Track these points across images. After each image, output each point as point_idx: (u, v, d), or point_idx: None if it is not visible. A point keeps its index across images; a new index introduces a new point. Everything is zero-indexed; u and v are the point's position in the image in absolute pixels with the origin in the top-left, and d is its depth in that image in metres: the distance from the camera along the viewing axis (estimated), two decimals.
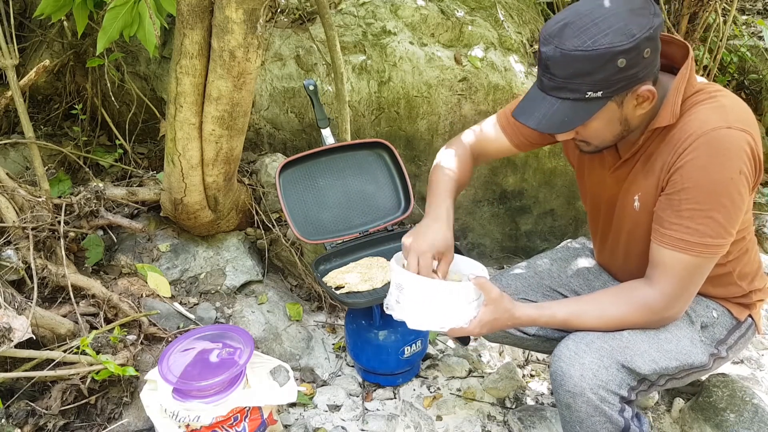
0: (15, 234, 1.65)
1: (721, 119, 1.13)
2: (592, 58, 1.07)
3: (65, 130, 2.49)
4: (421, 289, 1.23)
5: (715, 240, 1.15)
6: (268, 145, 2.49)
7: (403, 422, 1.77)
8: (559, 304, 1.30)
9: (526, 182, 2.72)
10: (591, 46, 1.06)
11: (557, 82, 1.13)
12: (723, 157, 1.12)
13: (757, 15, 3.78)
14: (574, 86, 1.11)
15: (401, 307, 1.26)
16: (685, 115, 1.18)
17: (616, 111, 1.17)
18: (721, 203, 1.13)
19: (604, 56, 1.06)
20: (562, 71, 1.11)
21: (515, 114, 1.21)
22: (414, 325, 1.25)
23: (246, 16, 1.53)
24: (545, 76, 1.15)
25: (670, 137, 1.20)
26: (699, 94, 1.19)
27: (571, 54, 1.08)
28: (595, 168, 1.42)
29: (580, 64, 1.08)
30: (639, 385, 1.26)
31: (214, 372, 1.49)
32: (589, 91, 1.11)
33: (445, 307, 1.23)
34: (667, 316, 1.25)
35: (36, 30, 2.48)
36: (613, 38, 1.06)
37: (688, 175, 1.14)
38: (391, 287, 1.29)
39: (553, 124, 1.16)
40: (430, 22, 2.51)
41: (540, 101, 1.17)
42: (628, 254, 1.42)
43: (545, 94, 1.16)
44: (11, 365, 1.55)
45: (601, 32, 1.06)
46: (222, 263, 2.14)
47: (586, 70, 1.09)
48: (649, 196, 1.26)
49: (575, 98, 1.13)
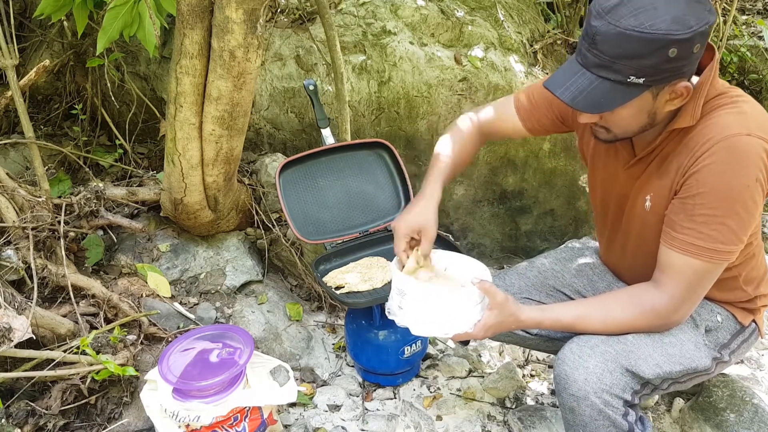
0: (15, 234, 1.65)
1: (741, 126, 1.12)
2: (646, 41, 1.02)
3: (65, 130, 2.48)
4: (423, 295, 1.22)
5: (727, 246, 1.15)
6: (268, 145, 2.49)
7: (403, 422, 1.77)
8: (564, 307, 1.29)
9: (526, 182, 2.72)
10: (648, 29, 1.02)
11: (603, 59, 1.08)
12: (740, 164, 1.11)
13: (757, 15, 3.78)
14: (619, 67, 1.06)
15: (404, 313, 1.25)
16: (705, 118, 1.16)
17: (650, 102, 1.14)
18: (735, 210, 1.12)
19: (659, 42, 1.02)
20: (612, 49, 1.06)
21: (548, 84, 1.16)
22: (418, 332, 1.25)
23: (246, 16, 1.53)
24: (591, 52, 1.09)
25: (688, 140, 1.18)
26: (721, 97, 1.18)
27: (626, 33, 1.03)
28: (609, 163, 1.39)
29: (632, 44, 1.03)
30: (643, 389, 1.26)
31: (214, 372, 1.49)
32: (632, 75, 1.06)
33: (449, 313, 1.22)
34: (673, 320, 1.25)
35: (36, 30, 2.48)
36: (670, 25, 1.01)
37: (705, 180, 1.13)
38: (393, 292, 1.28)
39: (588, 102, 1.11)
40: (430, 22, 2.51)
41: (579, 76, 1.12)
42: (636, 255, 1.41)
43: (585, 70, 1.11)
44: (11, 365, 1.55)
45: (659, 17, 1.02)
46: (222, 263, 2.14)
47: (638, 52, 1.04)
48: (661, 197, 1.25)
49: (616, 80, 1.08)
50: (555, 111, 1.47)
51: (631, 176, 1.33)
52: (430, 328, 1.23)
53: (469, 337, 1.24)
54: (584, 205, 2.80)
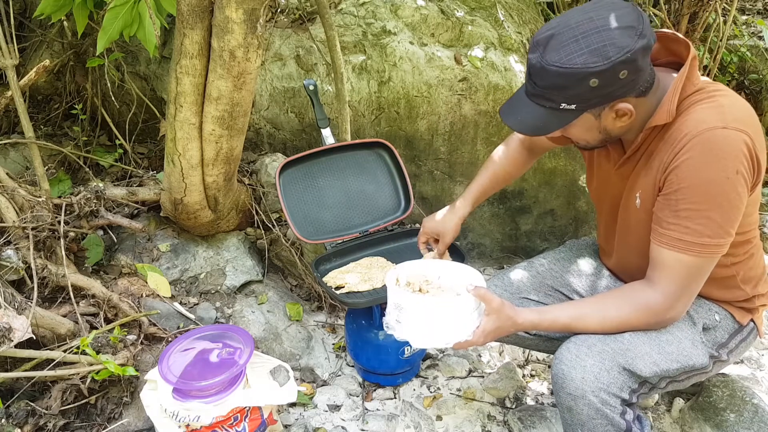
0: (15, 234, 1.65)
1: (717, 119, 1.13)
2: (565, 75, 1.10)
3: (65, 130, 2.49)
4: (420, 308, 1.23)
5: (714, 240, 1.15)
6: (268, 145, 2.49)
7: (403, 422, 1.77)
8: (561, 309, 1.30)
9: (526, 182, 2.72)
10: (566, 63, 1.10)
11: (537, 90, 1.17)
12: (718, 157, 1.11)
13: (757, 15, 3.78)
14: (550, 96, 1.16)
15: (402, 327, 1.25)
16: (683, 114, 1.18)
17: (593, 121, 1.21)
18: (718, 203, 1.13)
19: (577, 75, 1.09)
20: (541, 81, 1.15)
21: (500, 112, 1.28)
22: (418, 345, 1.26)
23: (246, 16, 1.53)
24: (529, 83, 1.19)
25: (667, 136, 1.20)
26: (698, 93, 1.19)
27: (547, 68, 1.12)
28: (603, 164, 1.42)
29: (554, 79, 1.12)
30: (640, 388, 1.26)
31: (214, 372, 1.49)
32: (563, 103, 1.15)
33: (448, 323, 1.22)
34: (669, 318, 1.25)
35: (36, 30, 2.48)
36: (587, 59, 1.08)
37: (684, 175, 1.15)
38: (389, 306, 1.29)
39: (530, 127, 1.22)
40: (430, 22, 2.51)
41: (522, 104, 1.22)
42: (632, 253, 1.41)
43: (528, 99, 1.21)
44: (11, 365, 1.55)
45: (578, 50, 1.09)
46: (222, 263, 2.14)
47: (561, 84, 1.12)
48: (648, 194, 1.26)
49: (550, 107, 1.17)
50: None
51: (622, 175, 1.35)
52: (430, 340, 1.24)
53: (469, 345, 1.25)
54: (584, 205, 2.80)
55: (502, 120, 1.26)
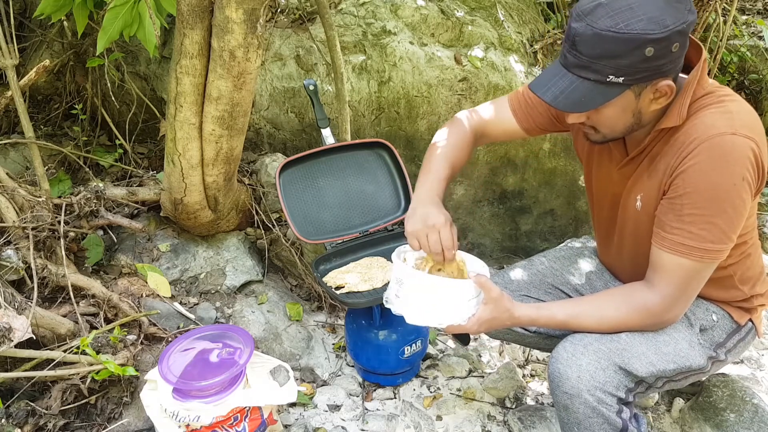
0: (15, 234, 1.65)
1: (726, 125, 1.12)
2: (622, 41, 1.05)
3: (65, 130, 2.49)
4: (420, 284, 1.23)
5: (716, 245, 1.15)
6: (268, 145, 2.49)
7: (403, 422, 1.77)
8: (559, 305, 1.30)
9: (526, 182, 2.72)
10: (623, 29, 1.05)
11: (582, 60, 1.11)
12: (726, 163, 1.11)
13: (757, 15, 3.78)
14: (597, 67, 1.09)
15: (400, 301, 1.26)
16: (692, 118, 1.17)
17: (632, 101, 1.16)
18: (723, 209, 1.13)
19: (635, 41, 1.05)
20: (590, 50, 1.09)
21: (532, 86, 1.19)
22: (411, 320, 1.25)
23: (246, 16, 1.53)
24: (570, 53, 1.12)
25: (674, 140, 1.19)
26: (708, 97, 1.18)
27: (602, 34, 1.06)
28: (603, 163, 1.41)
29: (609, 45, 1.06)
30: (636, 387, 1.26)
31: (214, 372, 1.49)
32: (611, 75, 1.09)
33: (444, 304, 1.22)
34: (666, 320, 1.25)
35: (36, 30, 2.48)
36: (646, 25, 1.04)
37: (690, 180, 1.14)
38: (392, 281, 1.29)
39: (569, 102, 1.14)
40: (430, 22, 2.51)
41: (560, 77, 1.15)
42: (630, 254, 1.42)
43: (566, 71, 1.14)
44: (11, 365, 1.55)
45: (635, 17, 1.05)
46: (222, 263, 2.14)
47: (614, 52, 1.07)
48: (650, 198, 1.25)
49: (596, 79, 1.11)
50: (552, 110, 1.47)
51: (624, 176, 1.34)
52: (424, 318, 1.24)
53: (462, 330, 1.25)
54: (584, 205, 2.80)
55: (537, 95, 1.18)
